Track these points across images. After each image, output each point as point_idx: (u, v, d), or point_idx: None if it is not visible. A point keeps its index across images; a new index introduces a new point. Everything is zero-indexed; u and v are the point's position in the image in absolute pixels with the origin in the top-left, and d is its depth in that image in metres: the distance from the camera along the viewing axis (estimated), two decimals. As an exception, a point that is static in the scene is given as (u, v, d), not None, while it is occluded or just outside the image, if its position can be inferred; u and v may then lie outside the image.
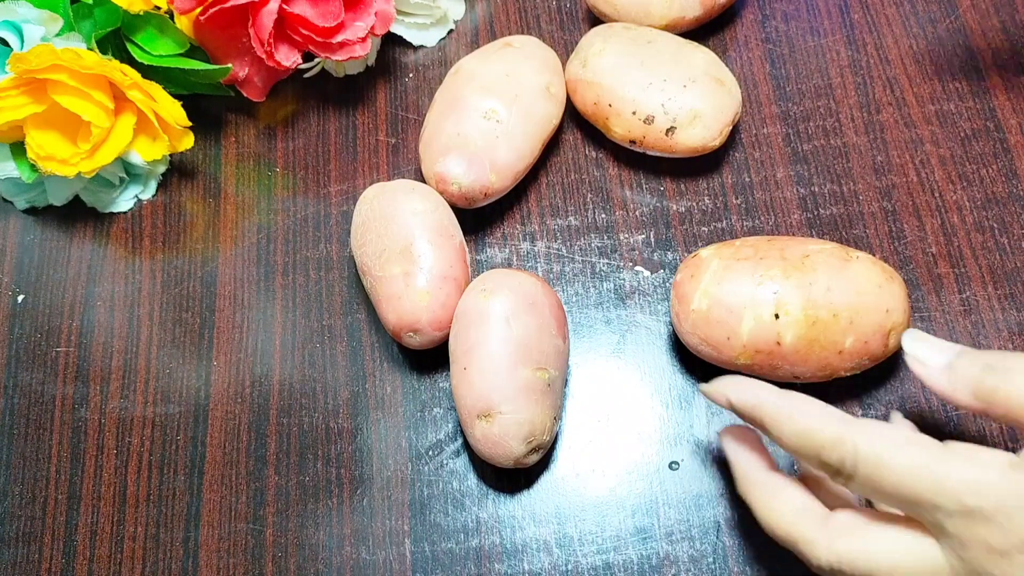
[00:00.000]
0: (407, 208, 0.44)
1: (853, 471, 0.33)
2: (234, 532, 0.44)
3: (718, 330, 0.41)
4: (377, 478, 0.44)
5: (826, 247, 0.42)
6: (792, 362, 0.41)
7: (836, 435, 0.33)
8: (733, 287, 0.41)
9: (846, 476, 0.33)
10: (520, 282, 0.42)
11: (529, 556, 0.43)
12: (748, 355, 0.41)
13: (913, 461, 0.32)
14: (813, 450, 0.34)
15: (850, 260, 0.41)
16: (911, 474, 0.32)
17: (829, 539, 0.34)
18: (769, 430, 0.35)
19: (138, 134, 0.49)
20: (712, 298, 0.41)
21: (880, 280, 0.41)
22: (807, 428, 0.34)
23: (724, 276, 0.41)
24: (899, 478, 0.32)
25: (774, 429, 0.35)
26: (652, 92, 0.47)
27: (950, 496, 0.31)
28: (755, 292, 0.40)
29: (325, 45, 0.49)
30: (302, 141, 0.53)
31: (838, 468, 0.33)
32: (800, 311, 0.40)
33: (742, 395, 0.36)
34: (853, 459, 0.33)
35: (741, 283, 0.41)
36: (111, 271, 0.50)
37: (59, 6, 0.49)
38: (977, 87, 0.51)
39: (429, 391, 0.46)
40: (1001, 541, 0.31)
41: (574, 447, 0.45)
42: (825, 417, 0.34)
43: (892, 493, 0.32)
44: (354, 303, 0.48)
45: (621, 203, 0.50)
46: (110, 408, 0.47)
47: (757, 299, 0.40)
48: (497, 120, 0.47)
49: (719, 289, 0.41)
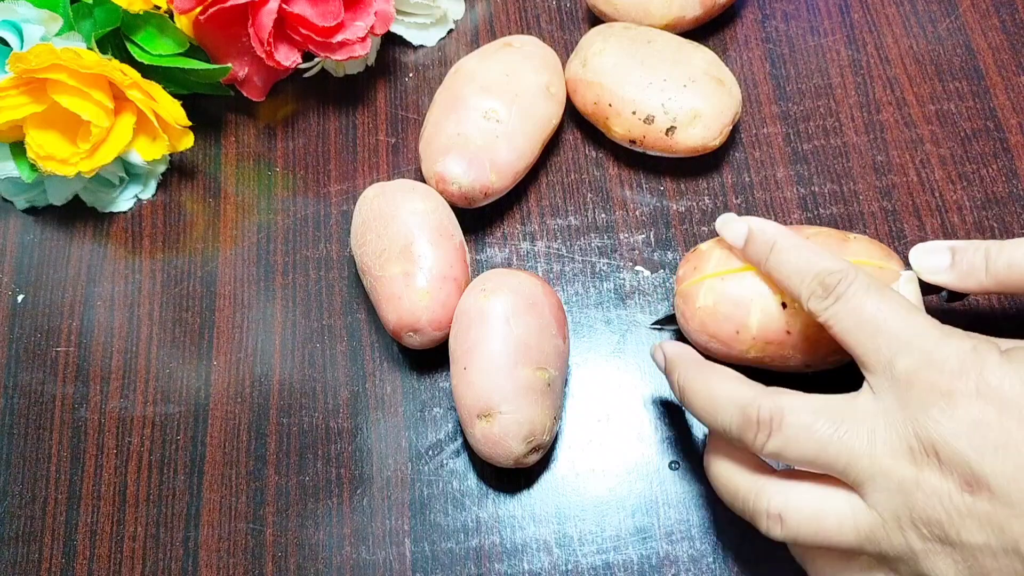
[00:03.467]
0: (407, 208, 0.44)
1: (844, 291, 0.35)
2: (234, 532, 0.44)
3: (726, 326, 0.41)
4: (377, 478, 0.44)
5: (822, 230, 0.42)
6: (803, 351, 0.40)
7: (841, 265, 0.36)
8: (737, 280, 0.41)
9: (836, 296, 0.35)
10: (520, 282, 0.42)
11: (529, 556, 0.43)
12: (759, 347, 0.41)
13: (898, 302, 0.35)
14: (815, 270, 0.36)
15: (848, 241, 0.41)
16: (893, 308, 0.34)
17: (774, 393, 0.35)
18: (775, 254, 0.38)
19: (138, 134, 0.49)
20: (718, 293, 0.41)
21: (879, 257, 0.41)
22: (815, 254, 0.37)
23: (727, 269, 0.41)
24: (882, 308, 0.34)
25: (783, 253, 0.38)
26: (652, 92, 0.47)
27: (918, 332, 0.34)
28: (760, 283, 0.40)
29: (325, 45, 0.49)
30: (302, 141, 0.53)
31: (833, 287, 0.35)
32: None
33: (763, 223, 0.40)
34: (849, 282, 0.35)
35: (745, 275, 0.41)
36: (111, 271, 0.50)
37: (59, 6, 0.49)
38: (977, 87, 0.51)
39: (429, 391, 0.46)
40: (947, 383, 0.32)
41: (574, 447, 0.45)
42: (832, 255, 0.37)
43: (868, 318, 0.34)
44: (354, 303, 0.48)
45: (621, 203, 0.50)
46: (110, 408, 0.47)
47: (763, 290, 0.40)
48: (497, 120, 0.47)
49: (724, 284, 0.41)
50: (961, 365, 0.32)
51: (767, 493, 0.35)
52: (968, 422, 0.31)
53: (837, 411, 0.34)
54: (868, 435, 0.33)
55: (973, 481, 0.31)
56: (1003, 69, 0.52)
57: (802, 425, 0.33)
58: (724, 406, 0.36)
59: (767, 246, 0.39)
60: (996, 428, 0.31)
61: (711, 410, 0.36)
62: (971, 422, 0.31)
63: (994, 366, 0.32)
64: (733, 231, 0.40)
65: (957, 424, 0.31)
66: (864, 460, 0.33)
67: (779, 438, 0.34)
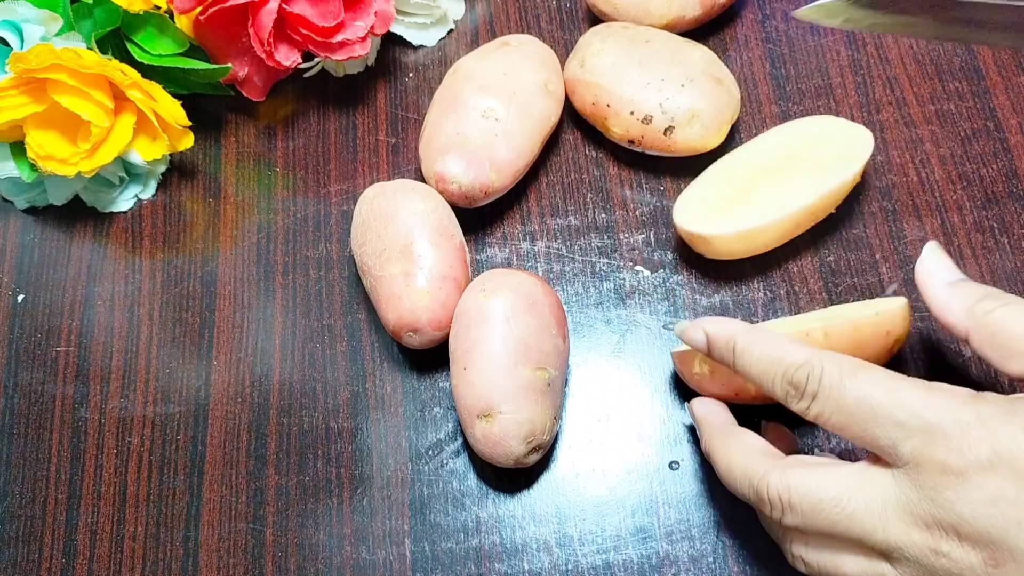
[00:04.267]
0: (407, 208, 0.44)
1: (816, 389, 0.34)
2: (234, 532, 0.44)
3: (725, 390, 0.42)
4: (377, 478, 0.44)
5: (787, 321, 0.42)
6: None
7: (803, 356, 0.35)
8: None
9: (811, 395, 0.34)
10: (520, 282, 0.42)
11: (529, 556, 0.43)
12: (762, 398, 0.41)
13: (876, 379, 0.33)
14: (781, 369, 0.35)
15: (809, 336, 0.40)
16: (876, 389, 0.33)
17: (782, 470, 0.35)
18: (739, 357, 0.37)
19: (138, 134, 0.49)
20: (712, 363, 0.41)
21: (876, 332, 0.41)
22: (775, 349, 0.36)
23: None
24: (864, 393, 0.33)
25: (745, 354, 0.37)
26: (650, 91, 0.47)
27: (912, 411, 0.32)
28: None
29: (325, 45, 0.49)
30: (302, 141, 0.53)
31: (804, 385, 0.34)
32: None
33: (717, 326, 0.38)
34: (818, 376, 0.34)
35: None
36: (111, 271, 0.50)
37: (59, 6, 0.49)
38: (977, 87, 0.51)
39: (429, 391, 0.46)
40: (957, 461, 0.31)
41: (574, 447, 0.45)
42: (792, 343, 0.36)
43: (854, 410, 0.33)
44: (354, 303, 0.48)
45: (621, 203, 0.50)
46: (110, 408, 0.47)
47: None
48: (496, 119, 0.47)
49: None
50: (966, 438, 0.31)
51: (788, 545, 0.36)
52: (985, 500, 0.30)
53: (845, 487, 0.33)
54: (880, 512, 0.32)
55: (999, 556, 0.30)
56: (1003, 69, 0.52)
57: (810, 505, 0.34)
58: (740, 480, 0.37)
59: (728, 350, 0.38)
60: (1015, 502, 0.30)
61: (730, 481, 0.37)
62: (988, 499, 0.30)
63: (1002, 434, 0.31)
64: (692, 339, 0.39)
65: (975, 504, 0.30)
66: (878, 535, 0.32)
67: (793, 516, 0.34)
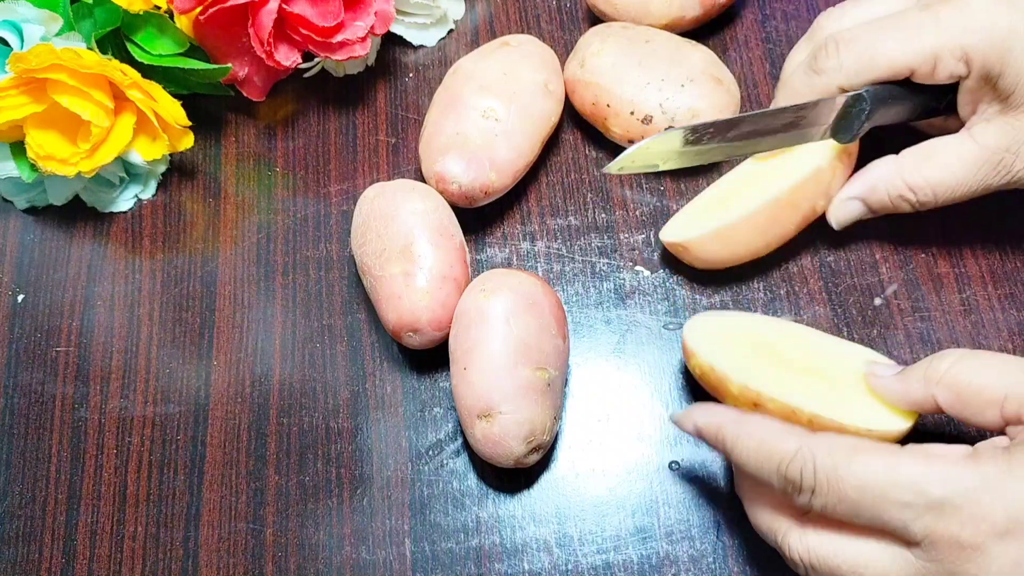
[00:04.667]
0: (407, 208, 0.44)
1: (813, 481, 0.33)
2: (234, 532, 0.44)
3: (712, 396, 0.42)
4: (377, 478, 0.44)
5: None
6: None
7: (793, 447, 0.34)
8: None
9: (808, 489, 0.33)
10: (520, 282, 0.42)
11: (529, 556, 0.43)
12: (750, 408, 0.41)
13: (873, 461, 0.33)
14: (773, 464, 0.34)
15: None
16: (873, 474, 0.32)
17: (802, 531, 0.35)
18: (731, 452, 0.36)
19: (138, 134, 0.49)
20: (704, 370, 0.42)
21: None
22: (764, 441, 0.35)
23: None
24: (861, 480, 0.32)
25: (736, 448, 0.36)
26: (650, 92, 0.47)
27: (915, 490, 0.31)
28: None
29: (325, 45, 0.49)
30: (302, 141, 0.53)
31: (799, 480, 0.34)
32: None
33: (706, 418, 0.38)
34: (812, 469, 0.33)
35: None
36: (111, 271, 0.50)
37: (59, 6, 0.49)
38: (977, 87, 0.51)
39: (429, 391, 0.46)
40: (972, 533, 0.31)
41: (574, 447, 0.45)
42: (782, 431, 0.35)
43: (857, 499, 0.32)
44: (354, 303, 0.48)
45: (621, 203, 0.50)
46: (110, 408, 0.47)
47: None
48: (496, 119, 0.47)
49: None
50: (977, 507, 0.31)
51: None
52: (1010, 566, 0.31)
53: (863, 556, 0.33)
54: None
55: None
56: (1003, 69, 0.52)
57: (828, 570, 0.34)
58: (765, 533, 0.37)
59: (719, 443, 0.37)
60: None
61: (757, 531, 0.38)
62: (1012, 565, 0.31)
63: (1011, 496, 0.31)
64: (686, 430, 0.39)
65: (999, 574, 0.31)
66: None
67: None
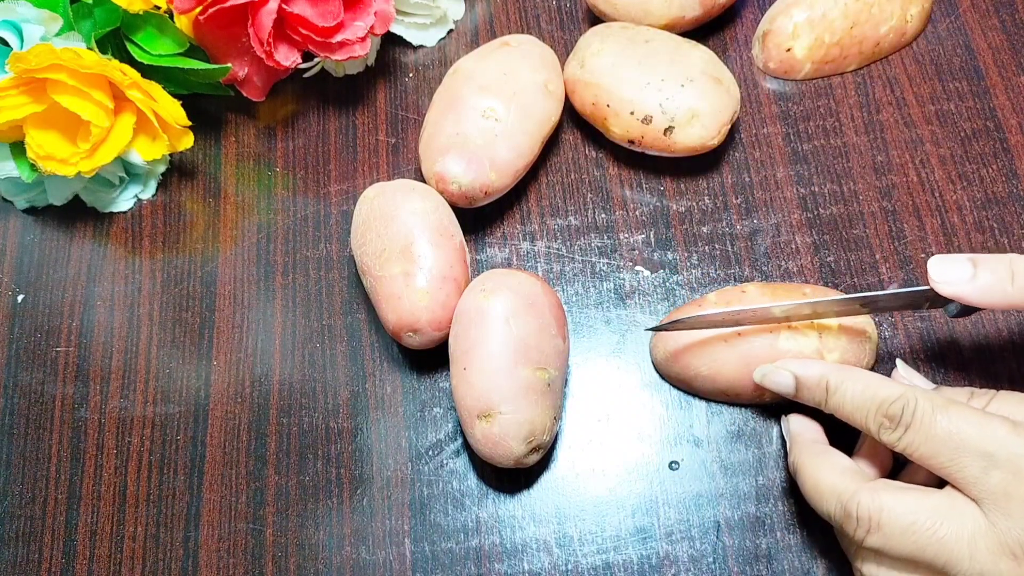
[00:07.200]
0: (407, 208, 0.44)
1: (911, 419, 0.35)
2: (234, 532, 0.44)
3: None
4: (377, 478, 0.44)
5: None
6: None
7: (898, 391, 0.36)
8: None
9: (904, 425, 0.35)
10: (520, 282, 0.42)
11: (529, 556, 0.43)
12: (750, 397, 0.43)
13: (966, 412, 0.35)
14: (875, 404, 0.36)
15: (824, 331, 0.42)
16: (964, 423, 0.34)
17: (873, 489, 0.35)
18: (832, 396, 0.38)
19: (138, 134, 0.49)
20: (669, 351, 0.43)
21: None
22: (869, 386, 0.37)
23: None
24: (953, 424, 0.34)
25: (838, 393, 0.38)
26: (650, 92, 0.47)
27: (1000, 443, 0.33)
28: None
29: (325, 45, 0.49)
30: (302, 141, 0.53)
31: (898, 418, 0.35)
32: None
33: (806, 367, 0.40)
34: (912, 409, 0.35)
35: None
36: (111, 271, 0.50)
37: (59, 6, 0.49)
38: (977, 87, 0.51)
39: (429, 391, 0.46)
40: None
41: (574, 447, 0.45)
42: (885, 380, 0.37)
43: (944, 438, 0.34)
44: (354, 303, 0.48)
45: (621, 203, 0.50)
46: (110, 408, 0.47)
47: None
48: (496, 119, 0.47)
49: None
50: None
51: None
52: None
53: (937, 512, 0.34)
54: (969, 541, 0.33)
55: None
56: (1003, 69, 0.52)
57: (900, 527, 0.34)
58: (827, 497, 0.37)
59: (821, 390, 0.39)
60: None
61: (816, 498, 0.38)
62: None
63: None
64: (777, 383, 0.40)
65: None
66: (964, 563, 0.33)
67: (879, 536, 0.35)
